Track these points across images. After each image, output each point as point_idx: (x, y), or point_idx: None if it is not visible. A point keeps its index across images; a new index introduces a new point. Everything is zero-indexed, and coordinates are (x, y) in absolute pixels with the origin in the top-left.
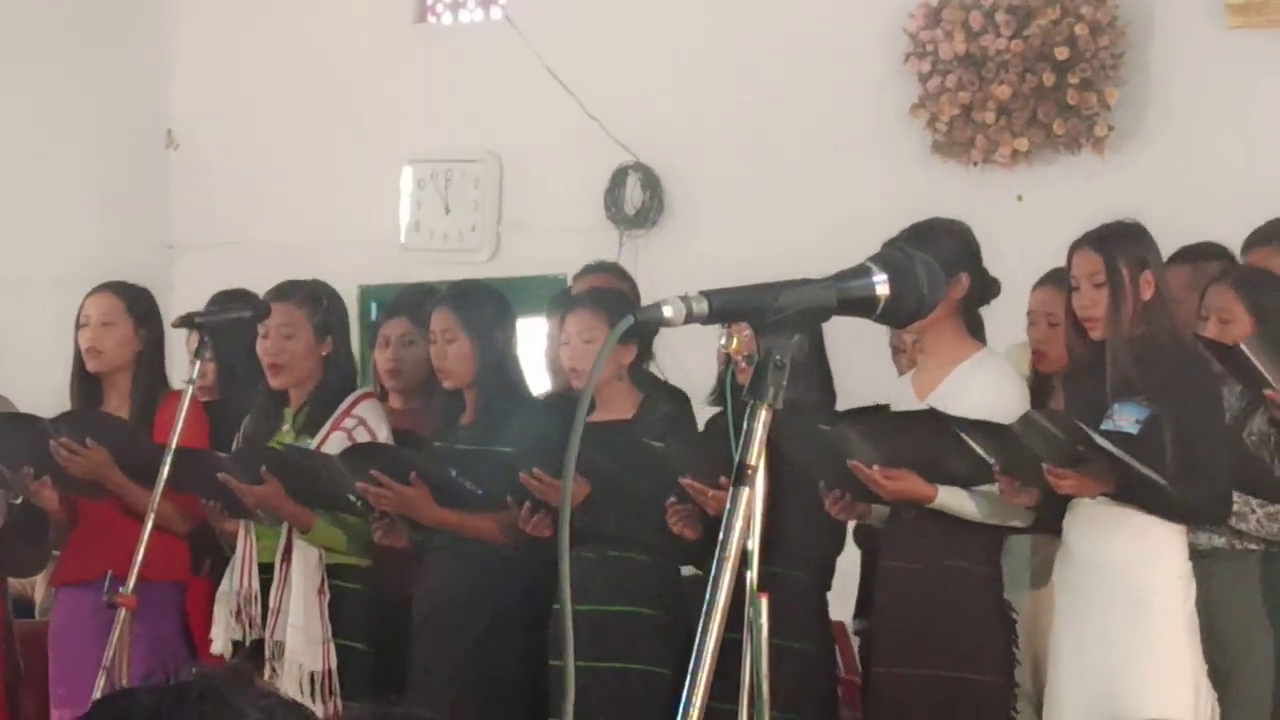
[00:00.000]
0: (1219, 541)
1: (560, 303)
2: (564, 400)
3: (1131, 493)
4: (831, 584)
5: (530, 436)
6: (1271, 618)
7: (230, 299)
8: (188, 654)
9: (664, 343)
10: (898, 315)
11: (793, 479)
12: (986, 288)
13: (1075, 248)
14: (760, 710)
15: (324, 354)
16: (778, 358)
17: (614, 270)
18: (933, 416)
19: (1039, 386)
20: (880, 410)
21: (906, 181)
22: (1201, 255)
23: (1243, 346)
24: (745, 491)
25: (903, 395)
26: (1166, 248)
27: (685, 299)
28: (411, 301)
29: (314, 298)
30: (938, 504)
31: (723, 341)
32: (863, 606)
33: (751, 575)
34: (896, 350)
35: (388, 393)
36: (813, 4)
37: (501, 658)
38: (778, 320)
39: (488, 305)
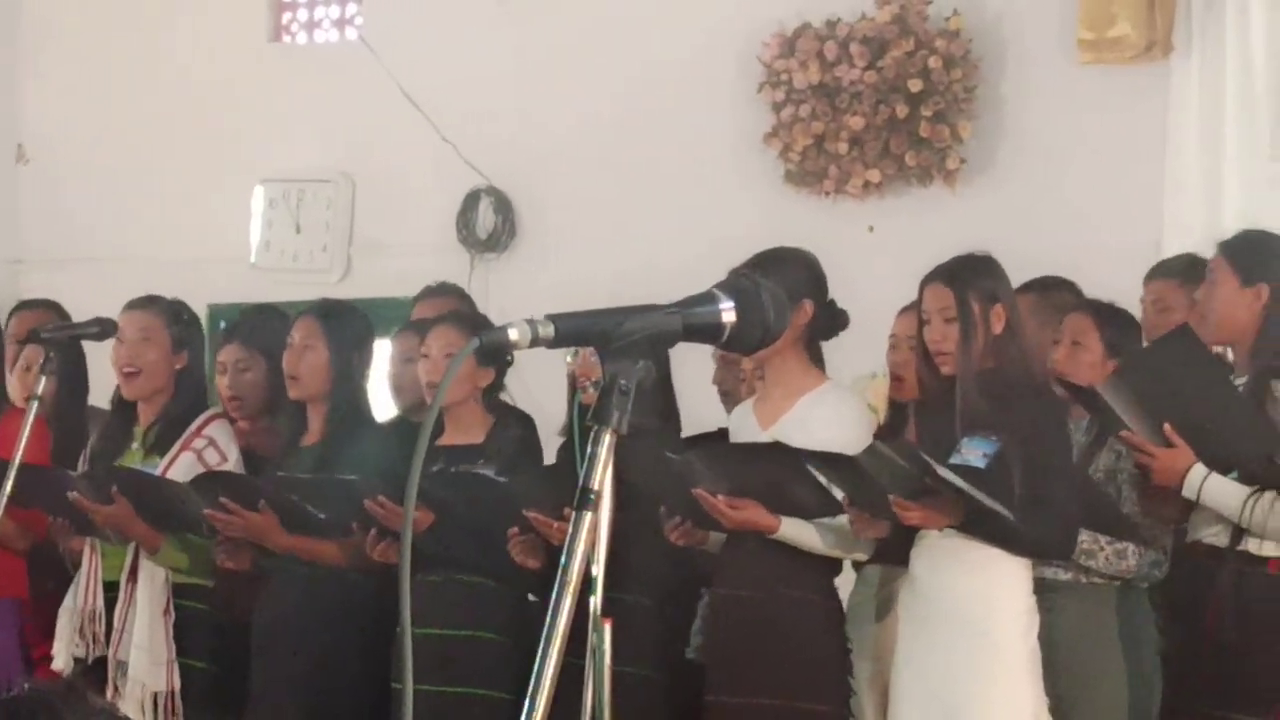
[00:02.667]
0: (1066, 576)
1: (416, 324)
2: (410, 425)
3: (977, 526)
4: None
5: (375, 462)
6: (1125, 652)
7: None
8: (24, 670)
9: (515, 370)
10: (743, 343)
11: (638, 505)
12: (834, 319)
13: (926, 281)
14: None
15: (178, 368)
16: (623, 383)
17: (455, 292)
18: (779, 448)
19: (895, 414)
20: (725, 439)
21: (759, 210)
22: (1050, 286)
23: (1100, 389)
24: (588, 516)
25: (744, 424)
26: (1016, 281)
27: (531, 323)
28: (249, 326)
29: (174, 310)
30: (781, 535)
31: (568, 359)
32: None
33: (595, 601)
34: (723, 393)
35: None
36: (668, 31)
37: (343, 680)
38: (623, 346)
39: (352, 324)
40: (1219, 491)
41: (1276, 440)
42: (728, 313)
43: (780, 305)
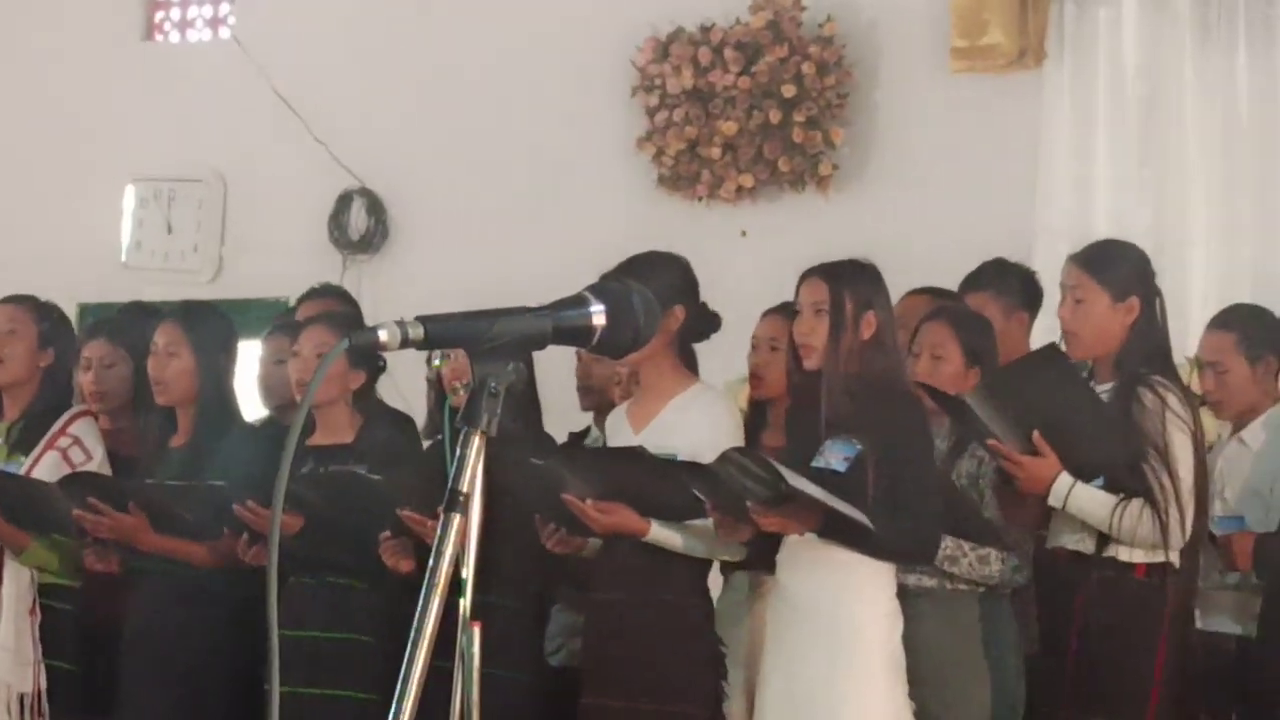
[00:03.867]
0: (930, 582)
1: (289, 324)
2: (279, 426)
3: (835, 532)
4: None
5: (245, 463)
6: (989, 658)
7: None
8: None
9: (387, 374)
10: (613, 346)
11: (509, 509)
12: (705, 321)
13: (805, 275)
14: None
15: (43, 365)
16: (493, 385)
17: (338, 294)
18: (643, 453)
19: (756, 414)
20: (593, 445)
21: (632, 213)
22: (935, 294)
23: (967, 398)
24: (456, 518)
25: (618, 427)
26: (886, 286)
27: (401, 324)
28: (115, 324)
29: (43, 307)
30: (651, 538)
31: (436, 361)
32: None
33: (465, 603)
34: (585, 389)
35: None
36: (542, 34)
37: (213, 682)
38: (493, 348)
39: (215, 326)
40: (1087, 500)
41: (1143, 448)
42: (598, 316)
43: (651, 309)
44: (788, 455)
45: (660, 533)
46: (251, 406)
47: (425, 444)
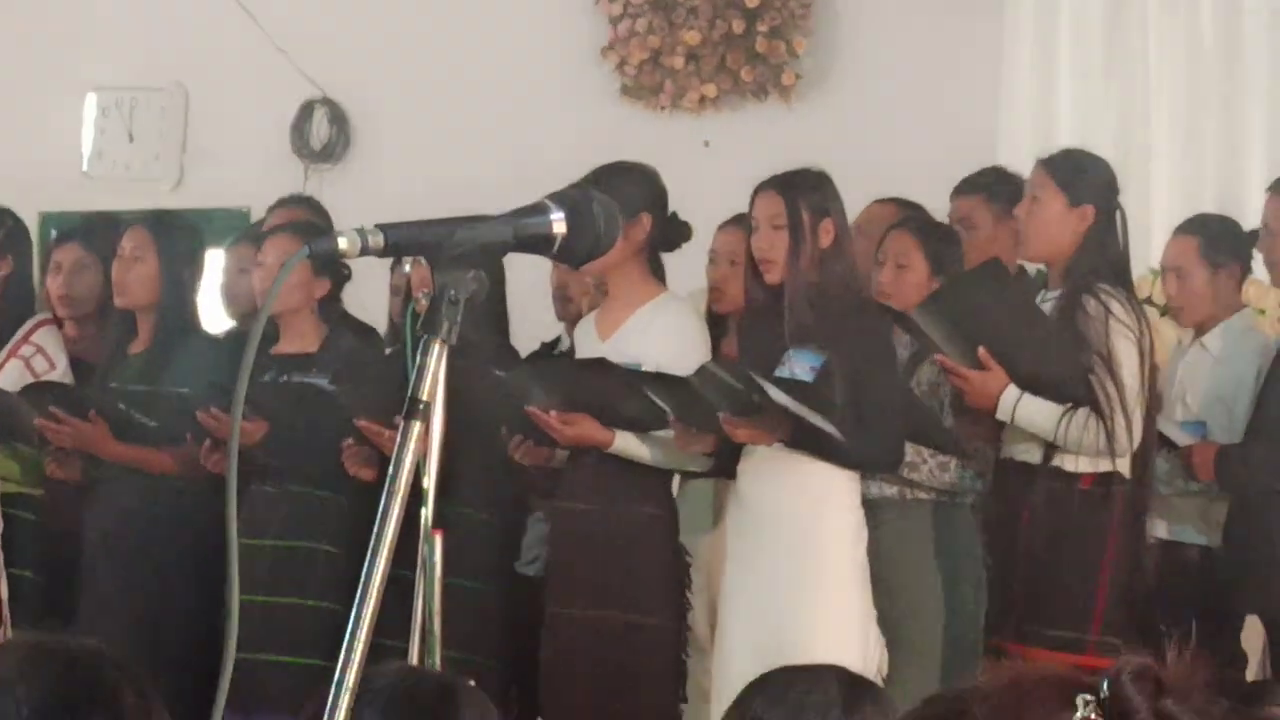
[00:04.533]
0: (890, 491)
1: (253, 234)
2: (242, 335)
3: (805, 441)
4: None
5: (204, 370)
6: (942, 566)
7: None
8: None
9: (352, 284)
10: (574, 253)
11: (473, 420)
12: (675, 230)
13: (759, 190)
14: (432, 648)
15: (2, 274)
16: (452, 293)
17: (308, 203)
18: (606, 364)
19: (714, 327)
20: (558, 356)
21: (595, 123)
22: (899, 203)
23: (913, 315)
24: (416, 426)
25: (586, 336)
26: (849, 196)
27: (361, 231)
28: (87, 228)
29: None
30: (615, 449)
31: (406, 268)
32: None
33: (426, 512)
34: (562, 299)
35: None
36: None
37: (174, 589)
38: (453, 256)
39: (183, 235)
40: (1033, 412)
41: (1087, 355)
42: (558, 223)
43: (611, 217)
44: (745, 366)
45: (625, 443)
46: (216, 316)
47: (388, 351)
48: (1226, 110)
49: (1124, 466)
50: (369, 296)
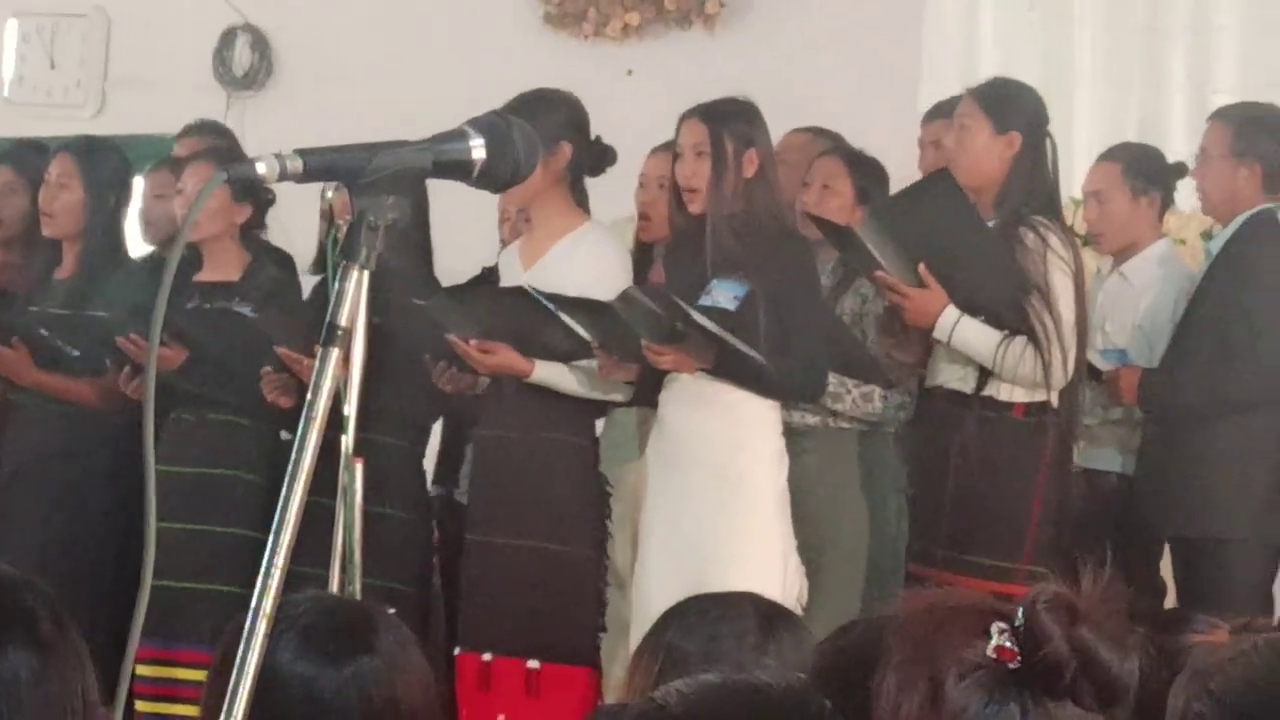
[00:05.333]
0: (813, 420)
1: (173, 160)
2: (163, 261)
3: (729, 369)
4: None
5: (129, 297)
6: (867, 496)
7: None
8: None
9: (274, 211)
10: (494, 179)
11: (392, 347)
12: (598, 155)
13: (684, 118)
14: (352, 576)
15: None
16: (371, 219)
17: (215, 130)
18: (527, 292)
19: (641, 256)
20: (479, 284)
21: (518, 51)
22: (820, 132)
23: (855, 227)
24: (334, 352)
25: (509, 265)
26: (772, 125)
27: (280, 157)
28: (18, 153)
29: None
30: (535, 378)
31: (329, 195)
32: (443, 473)
33: (347, 440)
34: (504, 219)
35: None
36: None
37: (90, 514)
38: (372, 181)
39: (110, 162)
40: (971, 335)
41: (1027, 286)
42: (478, 149)
43: (531, 143)
44: (670, 293)
45: (545, 372)
46: (134, 241)
47: (313, 279)
48: (1149, 40)
49: (1054, 397)
50: (292, 224)
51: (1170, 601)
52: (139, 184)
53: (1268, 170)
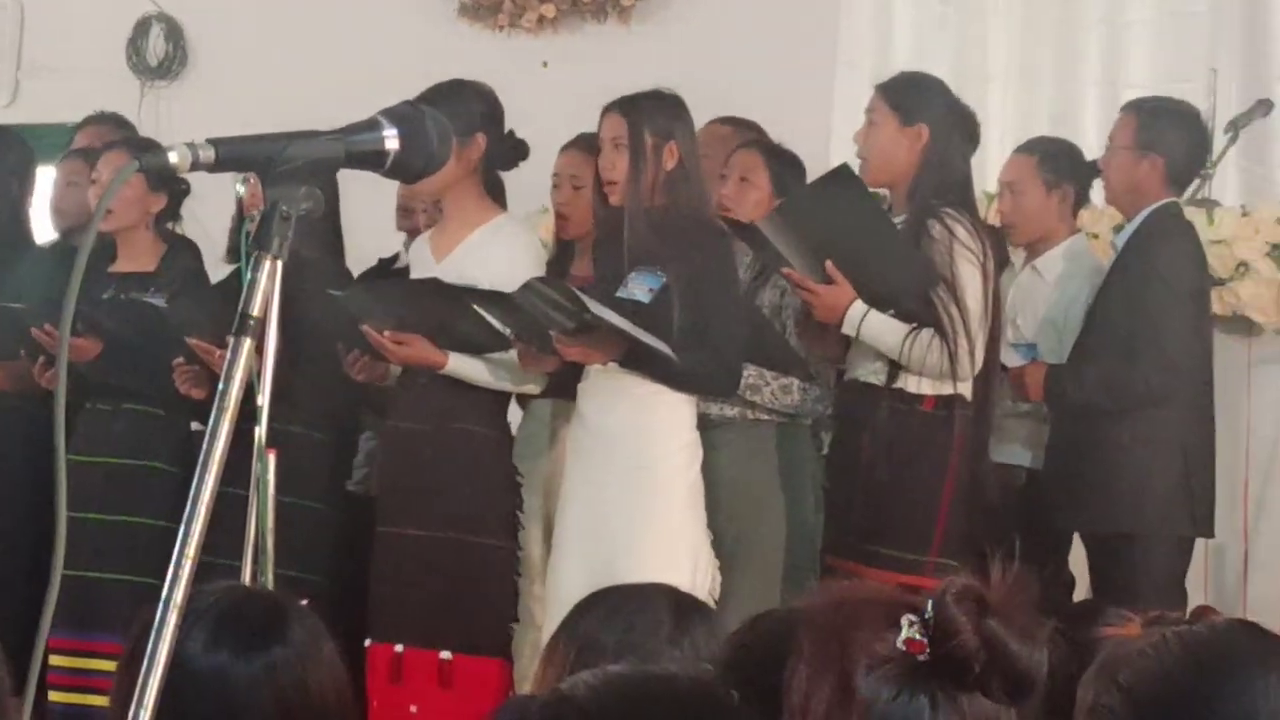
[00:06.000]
0: (731, 412)
1: (86, 149)
2: (73, 250)
3: (639, 362)
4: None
5: (41, 288)
6: (785, 489)
7: None
8: None
9: (191, 201)
10: (407, 170)
11: (307, 337)
12: (512, 149)
13: (605, 111)
14: (264, 567)
15: None
16: (284, 209)
17: (115, 120)
18: (442, 284)
19: (562, 252)
20: (394, 275)
21: (433, 43)
22: (737, 124)
23: (759, 224)
24: (246, 342)
25: (420, 256)
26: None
27: (192, 146)
28: None
29: None
30: (449, 370)
31: (239, 189)
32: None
33: (260, 431)
34: (405, 210)
35: None
36: None
37: (7, 508)
38: (285, 171)
39: (11, 150)
40: (878, 328)
41: (933, 279)
42: (391, 140)
43: (444, 134)
44: (596, 288)
45: (459, 365)
46: (43, 230)
47: (226, 269)
48: (1061, 33)
49: (966, 390)
50: (206, 214)
51: (1080, 595)
52: (48, 172)
53: (1170, 164)
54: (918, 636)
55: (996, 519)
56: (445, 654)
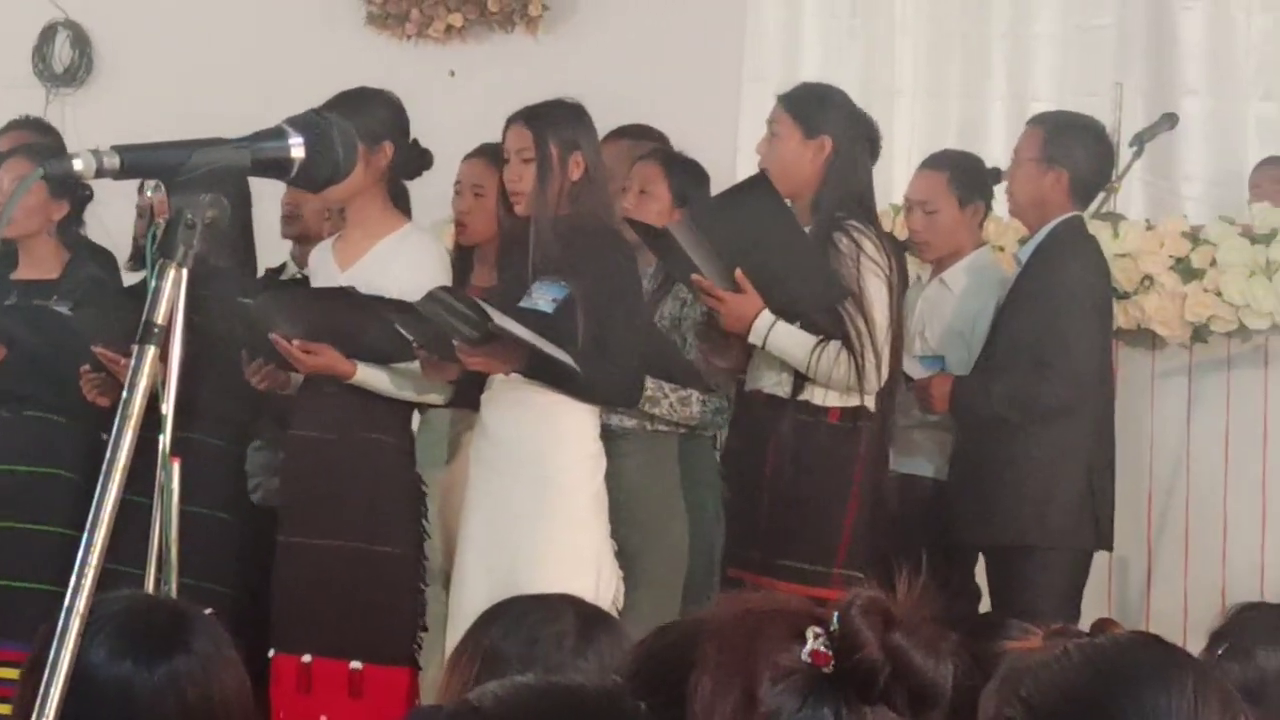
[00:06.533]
0: (630, 423)
1: None
2: None
3: (541, 372)
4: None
5: None
6: (689, 499)
7: None
8: None
9: (94, 207)
10: (312, 178)
11: (212, 345)
12: (416, 158)
13: (509, 122)
14: (168, 575)
15: None
16: (189, 217)
17: (38, 126)
18: (351, 293)
19: (462, 260)
20: (288, 284)
21: (340, 51)
22: (639, 134)
23: (670, 229)
24: (150, 350)
25: (323, 264)
26: (600, 128)
27: (96, 153)
28: None
29: None
30: (356, 380)
31: (149, 193)
32: None
33: (164, 439)
34: (293, 218)
35: None
36: None
37: None
38: (190, 179)
39: None
40: (786, 339)
41: (840, 291)
42: (296, 148)
43: (350, 143)
44: (498, 297)
45: (366, 374)
46: None
47: (135, 276)
48: (968, 47)
49: (870, 402)
50: (112, 221)
51: (984, 608)
52: None
53: (1075, 178)
54: (823, 649)
55: (899, 530)
56: (355, 664)
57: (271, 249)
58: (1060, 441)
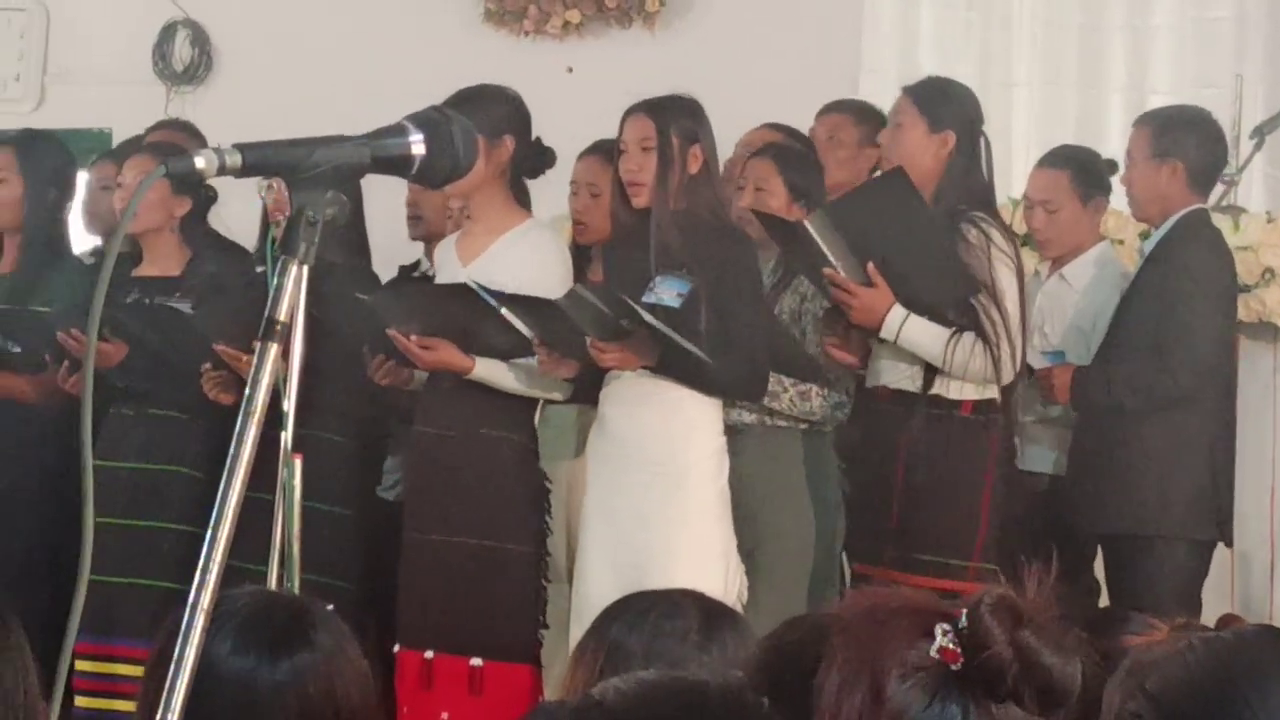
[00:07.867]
0: (750, 418)
1: (116, 151)
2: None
3: (672, 367)
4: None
5: (70, 293)
6: (813, 495)
7: None
8: None
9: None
10: (433, 175)
11: (333, 342)
12: (539, 156)
13: (629, 113)
14: (291, 571)
15: None
16: (310, 214)
17: (184, 127)
18: (469, 289)
19: (578, 258)
20: (420, 279)
21: (458, 48)
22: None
23: (806, 223)
24: (273, 347)
25: (446, 260)
26: (712, 123)
27: (219, 151)
28: None
29: None
30: (475, 375)
31: (262, 195)
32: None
33: (286, 436)
34: (414, 219)
35: None
36: None
37: (27, 514)
38: (311, 176)
39: (51, 156)
40: (920, 333)
41: (973, 284)
42: (417, 145)
43: (469, 139)
44: (607, 292)
45: (485, 370)
46: (77, 235)
47: (259, 270)
48: (1085, 38)
49: (996, 395)
50: (234, 222)
51: (1102, 601)
52: (82, 177)
53: (1190, 168)
54: (951, 646)
55: (1022, 525)
56: (476, 660)
57: (401, 248)
58: (1181, 431)
